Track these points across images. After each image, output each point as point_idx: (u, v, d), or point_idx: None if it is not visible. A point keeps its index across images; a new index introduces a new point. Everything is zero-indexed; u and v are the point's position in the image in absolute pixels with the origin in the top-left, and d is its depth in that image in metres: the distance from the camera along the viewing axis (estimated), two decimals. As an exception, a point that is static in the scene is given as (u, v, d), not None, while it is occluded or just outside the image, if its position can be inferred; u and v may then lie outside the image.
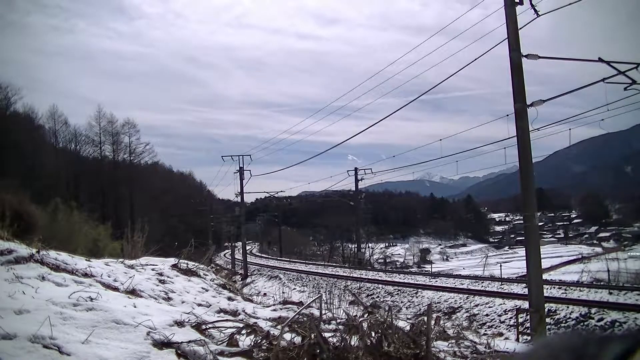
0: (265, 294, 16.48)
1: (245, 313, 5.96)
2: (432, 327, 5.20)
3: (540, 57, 11.14)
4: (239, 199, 41.48)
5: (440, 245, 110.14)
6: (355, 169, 40.06)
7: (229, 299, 7.53)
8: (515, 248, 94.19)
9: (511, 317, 13.84)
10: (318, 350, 4.09)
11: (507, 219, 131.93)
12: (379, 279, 25.70)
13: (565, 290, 16.75)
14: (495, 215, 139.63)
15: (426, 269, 47.65)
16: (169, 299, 6.28)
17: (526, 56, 10.86)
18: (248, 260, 40.90)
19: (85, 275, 6.01)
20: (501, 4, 11.18)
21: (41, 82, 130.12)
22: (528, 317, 11.14)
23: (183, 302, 6.24)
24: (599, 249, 71.94)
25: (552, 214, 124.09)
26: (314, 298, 6.06)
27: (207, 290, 7.68)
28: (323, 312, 5.35)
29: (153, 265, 8.31)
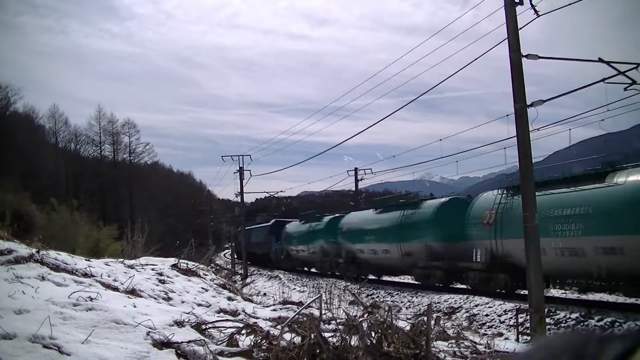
0: (265, 294, 16.47)
1: (245, 313, 5.96)
2: (432, 327, 5.20)
3: (540, 57, 11.12)
4: (238, 199, 41.47)
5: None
6: (355, 169, 39.99)
7: (229, 299, 7.53)
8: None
9: (511, 317, 13.82)
10: (318, 350, 4.09)
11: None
12: (379, 278, 25.69)
13: (565, 290, 16.73)
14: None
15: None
16: (168, 299, 6.28)
17: (526, 56, 10.84)
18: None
19: (85, 275, 6.01)
20: (496, 4, 11.17)
21: (38, 82, 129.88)
22: (528, 317, 11.13)
23: (183, 302, 6.24)
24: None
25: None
26: (314, 298, 6.06)
27: (207, 290, 7.68)
28: (323, 312, 5.34)
29: (153, 265, 8.32)
